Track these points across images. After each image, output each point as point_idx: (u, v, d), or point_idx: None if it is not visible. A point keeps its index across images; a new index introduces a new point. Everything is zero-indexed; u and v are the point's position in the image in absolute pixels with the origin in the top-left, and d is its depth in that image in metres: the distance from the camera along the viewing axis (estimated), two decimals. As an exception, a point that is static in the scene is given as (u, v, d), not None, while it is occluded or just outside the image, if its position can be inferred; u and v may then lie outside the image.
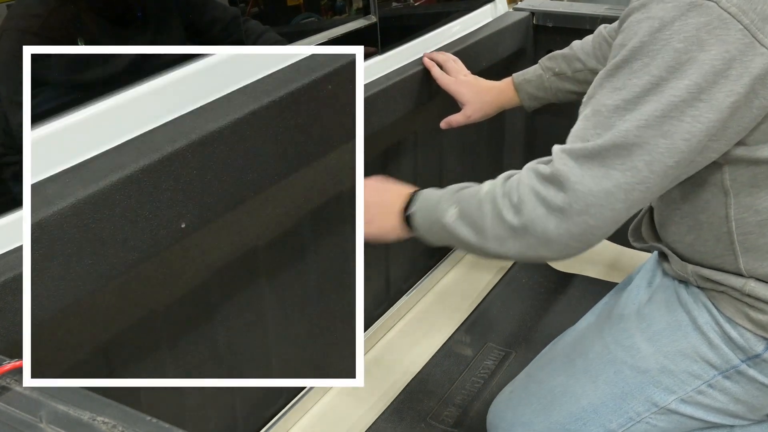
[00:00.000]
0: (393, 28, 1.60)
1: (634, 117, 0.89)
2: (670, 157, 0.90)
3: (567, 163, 0.93)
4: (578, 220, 0.92)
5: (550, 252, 0.97)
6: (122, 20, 1.13)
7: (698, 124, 0.88)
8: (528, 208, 0.95)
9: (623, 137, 0.90)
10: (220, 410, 1.38)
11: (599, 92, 0.94)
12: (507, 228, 0.97)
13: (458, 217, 1.03)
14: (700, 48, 0.86)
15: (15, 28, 0.99)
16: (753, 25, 0.86)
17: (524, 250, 0.98)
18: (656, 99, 0.88)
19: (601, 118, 0.92)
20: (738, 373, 1.10)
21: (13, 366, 0.67)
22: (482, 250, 1.02)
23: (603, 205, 0.91)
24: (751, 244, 1.04)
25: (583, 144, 0.93)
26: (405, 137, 1.73)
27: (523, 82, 1.53)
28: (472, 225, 1.02)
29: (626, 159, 0.90)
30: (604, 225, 0.93)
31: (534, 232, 0.95)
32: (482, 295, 1.96)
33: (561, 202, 0.93)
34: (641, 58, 0.90)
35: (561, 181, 0.93)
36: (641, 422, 1.17)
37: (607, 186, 0.91)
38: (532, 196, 0.95)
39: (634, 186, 0.91)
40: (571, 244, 0.95)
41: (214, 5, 1.27)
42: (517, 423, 1.27)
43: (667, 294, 1.18)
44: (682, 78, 0.87)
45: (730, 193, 1.02)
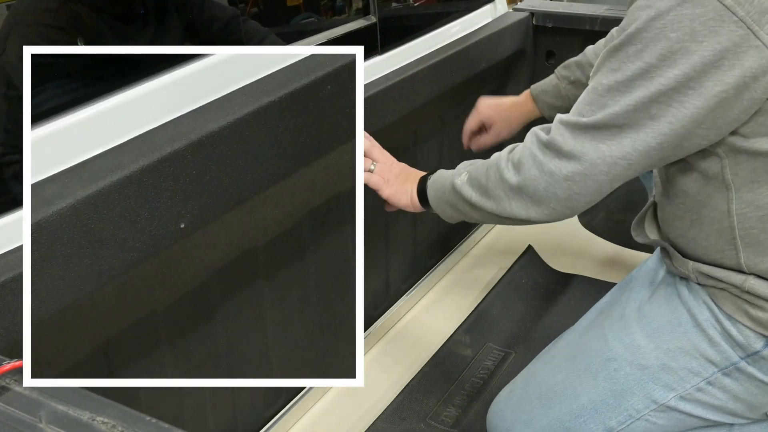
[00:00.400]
0: (393, 28, 1.60)
1: (624, 100, 0.96)
2: (653, 138, 0.96)
3: (563, 134, 1.02)
4: (564, 185, 1.01)
5: (538, 213, 1.06)
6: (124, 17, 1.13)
7: (684, 109, 0.93)
8: (525, 169, 1.05)
9: (613, 118, 0.97)
10: (220, 410, 1.38)
11: (600, 70, 1.01)
12: (506, 187, 1.08)
13: (467, 180, 1.15)
14: (692, 39, 0.89)
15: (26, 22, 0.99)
16: (749, 17, 0.87)
17: (517, 210, 1.07)
18: (645, 85, 0.94)
19: (597, 96, 0.99)
20: (737, 371, 1.11)
21: (13, 366, 0.68)
22: (482, 209, 1.12)
23: (587, 174, 1.00)
24: (752, 239, 1.05)
25: (578, 118, 1.01)
26: (405, 137, 1.73)
27: (540, 94, 1.61)
28: (478, 186, 1.13)
29: (615, 137, 0.98)
30: (587, 193, 1.02)
31: (527, 191, 1.05)
32: (482, 295, 1.96)
33: (552, 166, 1.02)
34: (636, 43, 0.94)
35: (556, 148, 1.02)
36: (641, 419, 1.17)
37: (593, 157, 0.99)
38: (529, 159, 1.05)
39: (616, 160, 0.98)
40: (557, 207, 1.04)
41: (213, 5, 1.27)
42: (517, 421, 1.27)
43: (667, 291, 1.19)
44: (672, 67, 0.91)
45: (732, 188, 1.03)
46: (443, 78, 1.67)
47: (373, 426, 1.56)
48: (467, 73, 1.75)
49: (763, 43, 0.88)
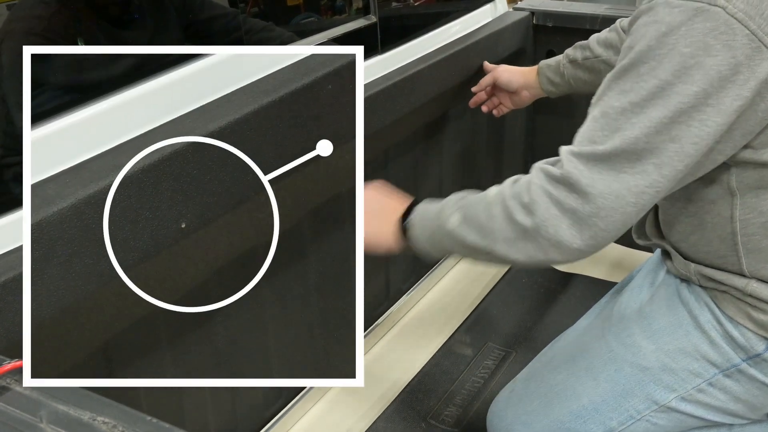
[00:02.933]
0: (393, 27, 1.60)
1: (641, 122, 0.90)
2: (680, 162, 0.90)
3: (577, 167, 0.93)
4: (590, 222, 0.92)
5: (560, 254, 0.96)
6: (122, 20, 1.13)
7: (706, 128, 0.89)
8: (541, 209, 0.95)
9: (633, 143, 0.90)
10: (220, 410, 1.38)
11: (607, 94, 0.95)
12: (518, 229, 0.97)
13: (462, 222, 1.03)
14: (706, 53, 0.86)
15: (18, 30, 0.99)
16: (760, 30, 0.86)
17: (533, 253, 0.97)
18: (663, 104, 0.89)
19: (609, 120, 0.92)
20: (738, 372, 1.10)
21: (13, 366, 0.68)
22: (490, 254, 1.02)
23: (614, 207, 0.92)
24: (754, 245, 1.04)
25: (593, 147, 0.93)
26: (405, 137, 1.73)
27: (544, 67, 1.64)
28: (479, 228, 1.01)
29: (636, 163, 0.91)
30: (614, 228, 0.93)
31: (546, 233, 0.95)
32: (482, 295, 1.96)
33: (573, 203, 0.93)
34: (648, 61, 0.90)
35: (572, 183, 0.93)
36: (641, 420, 1.17)
37: (617, 189, 0.91)
38: (545, 197, 0.95)
39: (644, 189, 0.91)
40: (581, 247, 0.95)
41: (212, 5, 1.27)
42: (517, 422, 1.27)
43: (668, 292, 1.19)
44: (689, 83, 0.87)
45: (737, 194, 1.02)
46: (443, 78, 1.67)
47: (373, 426, 1.56)
48: (467, 73, 1.75)
49: None
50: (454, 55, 1.68)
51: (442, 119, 1.85)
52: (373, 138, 1.40)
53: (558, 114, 1.94)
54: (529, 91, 1.68)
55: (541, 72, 1.64)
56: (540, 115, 2.12)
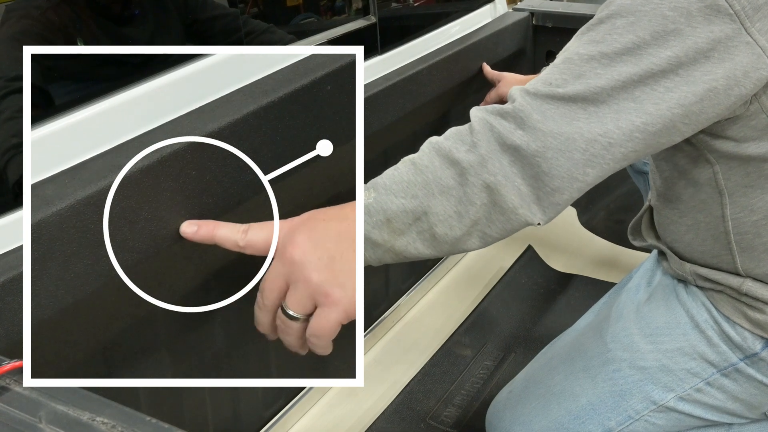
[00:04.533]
0: (392, 28, 1.60)
1: (608, 74, 0.86)
2: (637, 117, 0.86)
3: (531, 103, 0.87)
4: (533, 162, 0.85)
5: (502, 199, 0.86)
6: (122, 17, 1.13)
7: (670, 93, 0.86)
8: (483, 142, 0.86)
9: (595, 93, 0.86)
10: (220, 410, 1.38)
11: (574, 43, 0.91)
12: (458, 171, 0.86)
13: (382, 190, 0.89)
14: (687, 22, 0.85)
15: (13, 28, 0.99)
16: (743, 12, 0.85)
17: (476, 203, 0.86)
18: (634, 61, 0.86)
19: (572, 65, 0.88)
20: (736, 372, 1.11)
21: (13, 366, 0.68)
22: (425, 217, 0.87)
23: (561, 150, 0.85)
24: (747, 244, 1.04)
25: (550, 89, 0.87)
26: (405, 137, 1.73)
27: None
28: (406, 187, 0.88)
29: (593, 112, 0.86)
30: (558, 174, 0.85)
31: (487, 172, 0.85)
32: (482, 296, 1.96)
33: (517, 139, 0.85)
34: (627, 16, 0.87)
35: (522, 117, 0.86)
36: (640, 420, 1.17)
37: (568, 131, 0.85)
38: (487, 130, 0.87)
39: (596, 137, 0.85)
40: (521, 187, 0.86)
41: (214, 5, 1.27)
42: (516, 422, 1.27)
43: (666, 293, 1.19)
44: (665, 47, 0.85)
45: (725, 193, 1.02)
46: (443, 78, 1.67)
47: (373, 426, 1.57)
48: (467, 73, 1.75)
49: (753, 39, 0.86)
50: (454, 55, 1.68)
51: (442, 119, 1.85)
52: (373, 138, 1.40)
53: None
54: None
55: None
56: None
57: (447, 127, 1.95)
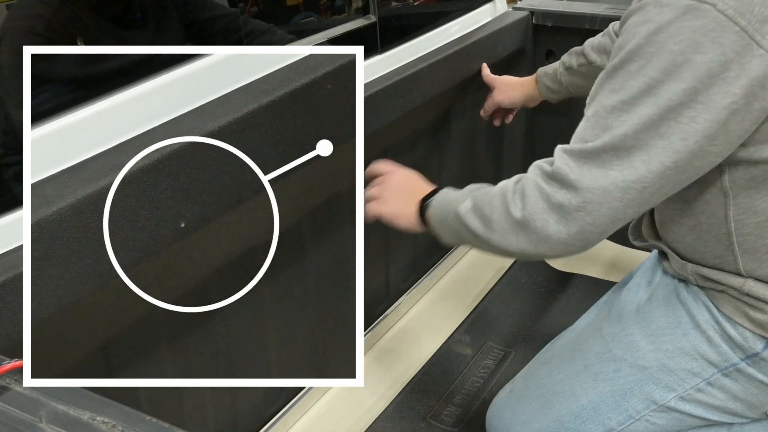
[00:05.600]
0: (392, 27, 1.60)
1: (630, 119, 0.91)
2: (667, 158, 0.91)
3: (567, 163, 0.96)
4: (576, 216, 0.95)
5: (549, 249, 1.00)
6: (123, 20, 1.13)
7: (695, 124, 0.89)
8: (531, 203, 0.99)
9: (622, 140, 0.92)
10: (220, 410, 1.38)
11: (599, 93, 0.96)
12: (511, 221, 1.01)
13: (471, 209, 1.08)
14: (695, 51, 0.87)
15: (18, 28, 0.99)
16: (750, 26, 0.86)
17: (525, 246, 1.01)
18: (652, 101, 0.90)
19: (600, 119, 0.94)
20: (737, 371, 1.11)
21: (13, 366, 0.68)
22: (487, 243, 1.06)
23: (600, 202, 0.94)
24: (749, 245, 1.04)
25: (583, 145, 0.96)
26: (405, 137, 1.73)
27: (542, 75, 1.66)
28: (482, 217, 1.06)
29: (624, 159, 0.92)
30: (602, 223, 0.95)
31: (534, 227, 0.98)
32: (482, 295, 1.96)
33: (561, 198, 0.96)
34: (637, 60, 0.91)
35: (561, 179, 0.96)
36: (640, 420, 1.17)
37: (604, 184, 0.93)
38: (535, 191, 0.99)
39: (630, 184, 0.93)
40: (568, 241, 0.97)
41: (214, 5, 1.27)
42: (516, 421, 1.27)
43: (666, 292, 1.19)
44: (678, 81, 0.88)
45: (729, 195, 1.02)
46: (443, 77, 1.67)
47: (373, 426, 1.57)
48: (467, 73, 1.75)
49: (765, 50, 0.86)
50: (454, 54, 1.68)
51: (442, 119, 1.86)
52: (373, 138, 1.40)
53: (557, 114, 1.94)
54: (532, 101, 1.71)
55: (540, 81, 1.66)
56: (540, 116, 2.12)
57: (447, 127, 1.96)
